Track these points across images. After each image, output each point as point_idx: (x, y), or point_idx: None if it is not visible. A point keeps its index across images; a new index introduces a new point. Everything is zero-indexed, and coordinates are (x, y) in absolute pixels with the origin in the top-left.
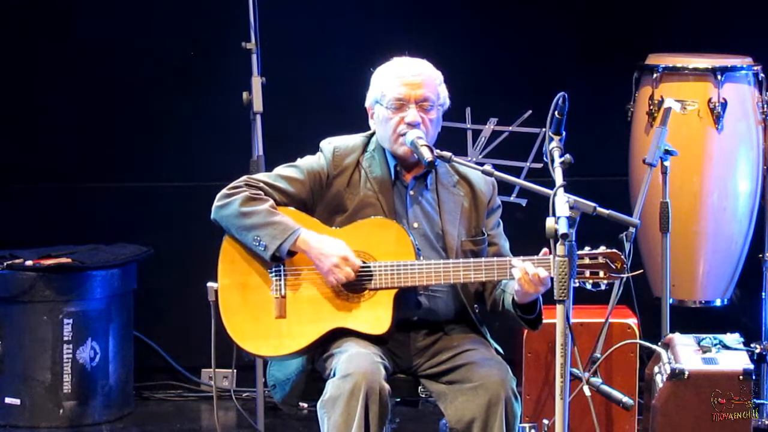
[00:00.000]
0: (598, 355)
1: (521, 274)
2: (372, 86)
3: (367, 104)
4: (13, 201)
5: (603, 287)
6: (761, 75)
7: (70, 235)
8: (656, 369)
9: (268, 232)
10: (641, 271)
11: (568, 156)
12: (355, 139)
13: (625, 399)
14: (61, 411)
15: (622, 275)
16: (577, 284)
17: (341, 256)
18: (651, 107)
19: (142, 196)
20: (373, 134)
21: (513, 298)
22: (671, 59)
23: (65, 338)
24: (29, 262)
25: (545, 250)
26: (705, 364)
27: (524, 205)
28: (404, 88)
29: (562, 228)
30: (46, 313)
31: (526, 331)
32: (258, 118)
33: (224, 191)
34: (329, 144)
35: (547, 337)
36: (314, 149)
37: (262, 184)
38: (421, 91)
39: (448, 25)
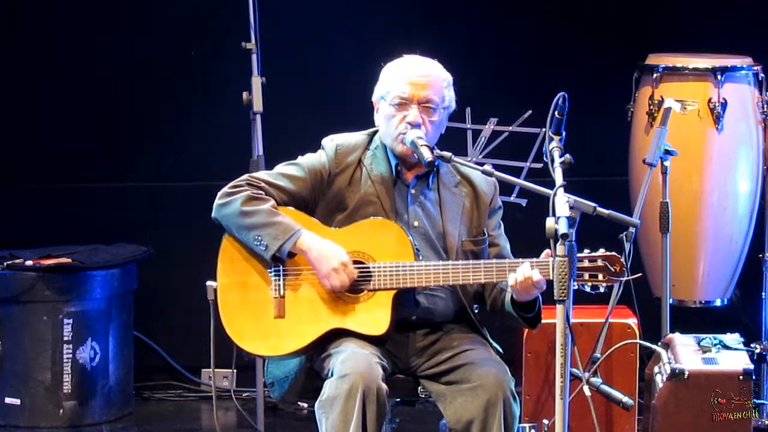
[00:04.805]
0: (598, 355)
1: (513, 281)
2: (380, 82)
3: (373, 98)
4: (13, 201)
5: (602, 290)
6: (761, 75)
7: (70, 235)
8: (656, 369)
9: (270, 232)
10: (640, 274)
11: (568, 156)
12: (357, 137)
13: (625, 399)
14: (61, 411)
15: (621, 278)
16: (577, 287)
17: (341, 261)
18: (651, 107)
19: (142, 196)
20: (375, 132)
21: (512, 297)
22: (671, 59)
23: (65, 338)
24: (29, 262)
25: (547, 251)
26: (705, 364)
27: (524, 205)
28: (409, 87)
29: (562, 228)
30: (46, 313)
31: (526, 331)
32: (258, 118)
33: (225, 190)
34: (331, 141)
35: (547, 337)
36: (314, 149)
37: (263, 183)
38: (426, 92)
39: (449, 25)
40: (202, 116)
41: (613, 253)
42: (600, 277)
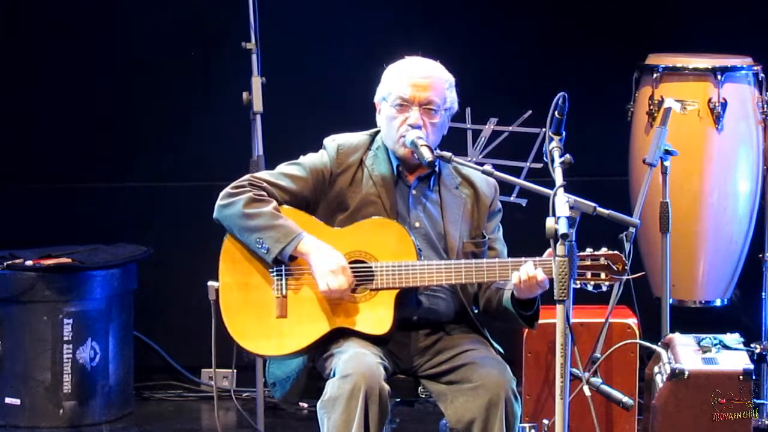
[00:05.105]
0: (598, 355)
1: (517, 280)
2: (381, 83)
3: (375, 99)
4: (13, 201)
5: (604, 288)
6: (761, 75)
7: (70, 235)
8: (656, 369)
9: (271, 235)
10: (643, 273)
11: (568, 156)
12: (358, 137)
13: (625, 399)
14: (61, 411)
15: (623, 277)
16: (579, 285)
17: (340, 265)
18: (651, 107)
19: (142, 196)
20: (377, 132)
21: (512, 294)
22: (671, 59)
23: (65, 338)
24: (29, 262)
25: (550, 251)
26: (705, 364)
27: (524, 205)
28: (410, 89)
29: (562, 228)
30: (46, 313)
31: (526, 331)
32: (258, 118)
33: (228, 190)
34: (333, 141)
35: (547, 337)
36: (314, 149)
37: (265, 184)
38: (427, 94)
39: (449, 25)
40: (202, 116)
41: (615, 251)
42: (602, 275)
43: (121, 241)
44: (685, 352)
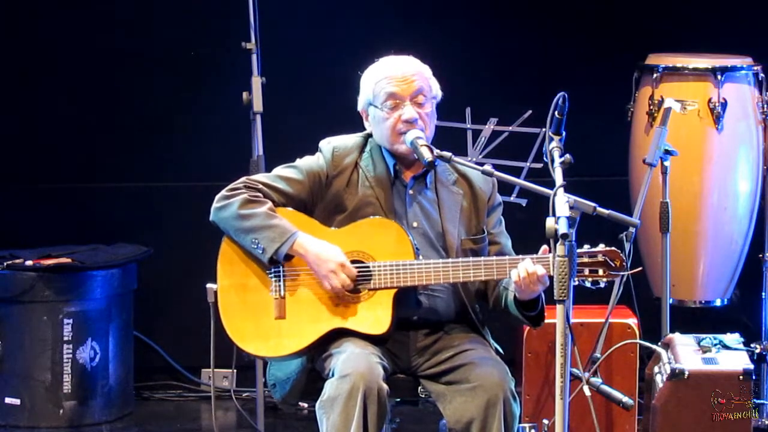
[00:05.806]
0: (598, 355)
1: (516, 277)
2: (362, 89)
3: (359, 108)
4: (13, 201)
5: (602, 285)
6: (761, 75)
7: (70, 235)
8: (656, 369)
9: (266, 235)
10: (640, 269)
11: (568, 156)
12: (353, 139)
13: (625, 399)
14: (61, 411)
15: (621, 273)
16: (577, 282)
17: (338, 263)
18: (651, 107)
19: (142, 196)
20: (371, 134)
21: (515, 296)
22: (671, 59)
23: (65, 338)
24: (29, 262)
25: (545, 248)
26: (705, 364)
27: (524, 205)
28: (396, 86)
29: (562, 228)
30: (46, 313)
31: (526, 332)
32: (258, 118)
33: (223, 193)
34: (328, 144)
35: (547, 337)
36: (314, 149)
37: (260, 186)
38: (414, 85)
39: (449, 25)
40: (202, 116)
41: (613, 248)
42: (600, 272)
43: (121, 241)
44: (685, 352)
